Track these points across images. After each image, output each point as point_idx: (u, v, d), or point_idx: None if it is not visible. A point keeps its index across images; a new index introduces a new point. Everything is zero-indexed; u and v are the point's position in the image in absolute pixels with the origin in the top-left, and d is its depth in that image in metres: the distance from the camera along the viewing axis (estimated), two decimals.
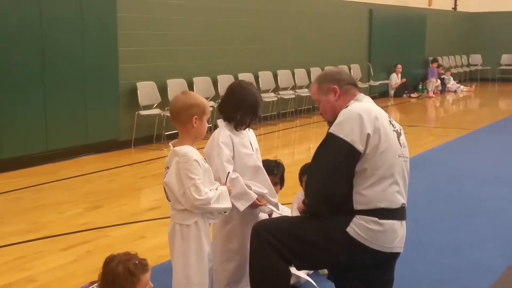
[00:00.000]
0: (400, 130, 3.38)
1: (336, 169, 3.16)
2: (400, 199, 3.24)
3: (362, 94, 3.44)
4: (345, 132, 3.15)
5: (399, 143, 3.28)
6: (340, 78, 3.42)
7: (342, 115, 3.23)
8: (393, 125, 3.31)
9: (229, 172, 3.44)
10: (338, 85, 3.40)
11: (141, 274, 2.77)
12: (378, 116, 3.22)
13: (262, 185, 3.62)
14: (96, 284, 2.94)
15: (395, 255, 3.33)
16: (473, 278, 4.31)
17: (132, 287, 2.74)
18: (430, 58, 19.41)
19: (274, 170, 4.07)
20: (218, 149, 3.52)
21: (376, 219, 3.15)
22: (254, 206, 3.57)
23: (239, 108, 3.58)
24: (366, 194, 3.15)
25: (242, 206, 3.53)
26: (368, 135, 3.13)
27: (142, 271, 2.78)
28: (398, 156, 3.24)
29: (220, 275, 3.68)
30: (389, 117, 3.35)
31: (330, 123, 3.31)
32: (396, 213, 3.23)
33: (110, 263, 2.77)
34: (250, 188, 3.55)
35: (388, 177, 3.17)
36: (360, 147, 3.12)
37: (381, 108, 3.43)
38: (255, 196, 3.55)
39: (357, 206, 3.17)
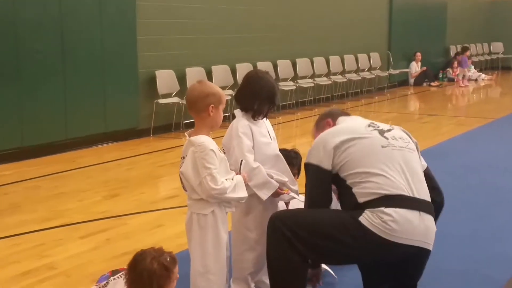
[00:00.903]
0: (390, 128, 3.44)
1: (314, 191, 3.36)
2: (400, 185, 3.17)
3: (341, 118, 3.66)
4: (312, 157, 3.35)
5: (383, 136, 3.34)
6: (332, 113, 3.75)
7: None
8: (374, 126, 3.42)
9: (242, 160, 3.42)
10: (331, 118, 3.71)
11: (174, 267, 2.77)
12: (344, 126, 3.47)
13: (282, 173, 3.61)
14: (118, 275, 2.91)
15: (422, 251, 3.22)
16: (494, 269, 4.27)
17: (168, 282, 2.73)
18: (459, 46, 19.17)
19: (293, 161, 4.05)
20: (238, 139, 3.50)
21: (383, 208, 3.11)
22: (276, 194, 3.57)
23: (256, 98, 3.56)
24: (366, 186, 3.19)
25: (265, 195, 3.53)
26: (335, 147, 3.27)
27: (174, 265, 2.78)
28: (381, 147, 3.27)
29: (241, 265, 3.68)
30: (373, 123, 3.46)
31: None
32: (404, 201, 3.15)
33: (142, 260, 2.72)
34: (272, 177, 3.54)
35: (378, 169, 3.20)
36: (326, 165, 3.29)
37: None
38: (277, 184, 3.54)
39: (361, 200, 3.19)
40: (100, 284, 3.25)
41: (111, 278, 3.18)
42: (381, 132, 3.35)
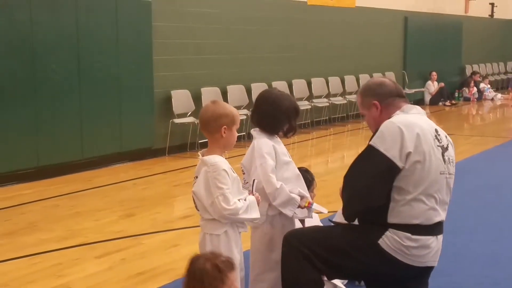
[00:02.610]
0: (448, 145, 3.28)
1: (374, 183, 3.12)
2: (437, 217, 3.17)
3: (409, 105, 3.36)
4: (386, 146, 3.10)
5: (443, 159, 3.20)
6: (382, 92, 3.35)
7: (384, 127, 3.17)
8: (439, 139, 3.22)
9: (254, 180, 3.41)
10: (379, 100, 3.33)
11: (228, 271, 2.68)
12: (421, 132, 3.14)
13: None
14: None
15: (429, 269, 3.28)
16: None
17: (220, 284, 2.64)
18: (475, 65, 19.13)
19: (308, 183, 4.05)
20: (262, 159, 3.49)
21: (409, 234, 3.10)
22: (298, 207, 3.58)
23: (276, 116, 3.56)
24: (402, 210, 3.11)
25: (290, 211, 3.53)
26: (409, 153, 3.07)
27: (230, 269, 2.69)
28: (440, 173, 3.17)
29: (260, 285, 3.65)
30: (437, 131, 3.26)
31: (374, 133, 3.26)
32: (431, 229, 3.17)
33: (196, 261, 2.66)
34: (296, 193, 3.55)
35: (427, 195, 3.12)
36: (399, 163, 3.07)
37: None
38: (299, 198, 3.54)
39: (391, 220, 3.13)
40: None
41: None
42: (443, 152, 3.22)
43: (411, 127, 3.14)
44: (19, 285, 4.44)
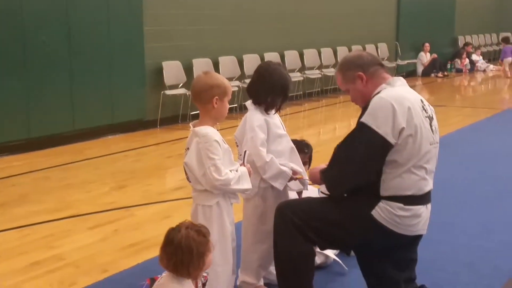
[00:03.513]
0: (432, 114, 3.28)
1: (366, 160, 3.11)
2: (427, 187, 3.20)
3: (394, 77, 3.31)
4: (378, 123, 3.06)
5: (431, 129, 3.20)
6: (363, 63, 3.29)
7: (374, 103, 3.13)
8: (425, 110, 3.22)
9: (245, 151, 3.41)
10: (362, 70, 3.28)
11: (209, 235, 2.71)
12: (411, 106, 3.12)
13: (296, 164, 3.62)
14: (162, 276, 2.80)
15: (419, 237, 3.32)
16: (502, 259, 4.25)
17: (207, 250, 2.66)
18: (468, 37, 19.09)
19: (305, 148, 4.07)
20: (252, 132, 3.48)
21: (402, 205, 3.12)
22: (290, 180, 3.58)
23: (270, 92, 3.53)
24: (394, 182, 3.12)
25: (281, 185, 3.55)
26: (402, 129, 3.06)
27: (208, 233, 2.72)
28: (430, 144, 3.17)
29: (252, 256, 3.67)
30: (422, 101, 3.25)
31: (364, 109, 3.23)
32: (422, 199, 3.20)
33: (178, 232, 2.65)
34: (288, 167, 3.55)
35: (418, 167, 3.13)
36: (392, 139, 3.05)
37: (410, 86, 3.35)
38: (290, 171, 3.54)
39: (383, 193, 3.14)
40: None
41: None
42: (430, 122, 3.21)
43: (402, 101, 3.11)
44: (11, 256, 4.45)
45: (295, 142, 3.88)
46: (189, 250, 2.61)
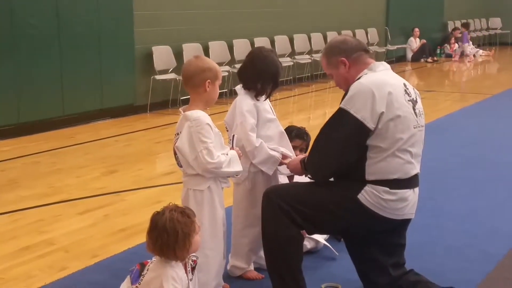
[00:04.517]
0: (417, 97, 3.29)
1: (346, 145, 3.13)
2: (413, 170, 3.21)
3: (376, 63, 3.32)
4: (356, 108, 3.08)
5: (415, 113, 3.21)
6: (347, 48, 3.30)
7: (353, 89, 3.14)
8: (408, 93, 3.22)
9: (234, 135, 3.42)
10: (345, 56, 3.28)
11: (194, 216, 2.72)
12: (392, 90, 3.12)
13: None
14: (151, 261, 2.81)
15: (406, 221, 3.33)
16: (490, 243, 4.29)
17: (192, 230, 2.65)
18: (457, 22, 19.07)
19: (304, 136, 4.13)
20: (242, 117, 3.49)
21: (387, 188, 3.14)
22: (280, 165, 3.60)
23: (260, 78, 3.54)
24: (379, 166, 3.13)
25: (270, 170, 3.56)
26: (382, 113, 3.06)
27: (193, 214, 2.73)
28: (413, 127, 3.18)
29: (242, 240, 3.70)
30: (405, 85, 3.25)
31: (345, 94, 3.24)
32: (409, 182, 3.21)
33: (162, 215, 2.65)
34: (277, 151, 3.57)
35: (402, 151, 3.14)
36: (371, 124, 3.06)
37: (399, 73, 3.37)
38: (280, 156, 3.56)
39: (369, 177, 3.15)
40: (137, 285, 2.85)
41: (143, 274, 2.89)
42: (413, 105, 3.21)
43: (382, 86, 3.12)
44: (1, 241, 4.44)
45: (295, 129, 3.92)
46: (174, 232, 2.62)
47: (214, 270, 3.31)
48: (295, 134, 4.16)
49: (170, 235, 2.62)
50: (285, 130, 3.75)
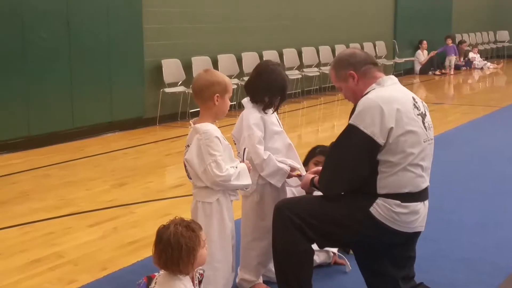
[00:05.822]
0: (426, 110, 3.30)
1: (357, 161, 3.14)
2: (424, 184, 3.22)
3: (384, 77, 3.32)
4: (365, 123, 3.09)
5: (424, 126, 3.21)
6: (355, 61, 3.31)
7: (361, 104, 3.15)
8: (417, 107, 3.23)
9: (245, 148, 3.44)
10: (354, 69, 3.30)
11: (199, 230, 2.70)
12: (400, 107, 3.13)
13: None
14: (159, 274, 2.81)
15: (417, 234, 3.33)
16: (500, 256, 4.28)
17: (197, 245, 2.64)
18: (465, 35, 19.12)
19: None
20: (249, 130, 3.51)
21: (399, 202, 3.14)
22: (288, 177, 3.61)
23: (268, 91, 3.55)
24: (391, 180, 3.14)
25: (279, 182, 3.58)
26: (391, 128, 3.08)
27: (199, 228, 2.71)
28: (423, 141, 3.19)
29: (251, 253, 3.70)
30: (414, 99, 3.26)
31: (354, 108, 3.25)
32: (419, 195, 3.22)
33: (166, 229, 2.64)
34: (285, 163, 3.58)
35: (414, 165, 3.14)
36: (380, 139, 3.07)
37: (407, 86, 3.37)
38: (288, 169, 3.57)
39: (380, 191, 3.15)
40: None
41: (150, 287, 2.92)
42: (423, 119, 3.22)
43: (390, 102, 3.13)
44: (12, 253, 4.47)
45: (321, 146, 3.94)
46: (178, 246, 2.61)
47: (222, 283, 3.30)
48: (319, 150, 4.16)
49: (174, 249, 2.61)
50: (312, 148, 3.75)
